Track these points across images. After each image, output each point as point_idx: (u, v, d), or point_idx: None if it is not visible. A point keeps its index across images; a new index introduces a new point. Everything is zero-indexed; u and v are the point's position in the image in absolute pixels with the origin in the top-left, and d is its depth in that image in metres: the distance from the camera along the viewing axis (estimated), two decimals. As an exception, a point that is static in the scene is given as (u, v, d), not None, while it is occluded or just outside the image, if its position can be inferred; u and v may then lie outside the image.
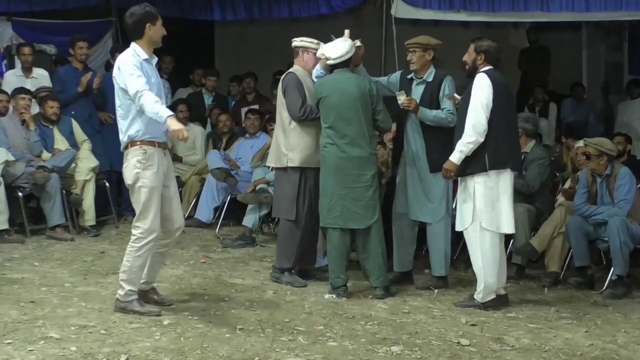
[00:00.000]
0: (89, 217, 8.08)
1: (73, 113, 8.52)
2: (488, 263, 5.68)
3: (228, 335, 4.88)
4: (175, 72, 10.23)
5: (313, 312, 5.52)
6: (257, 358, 4.51)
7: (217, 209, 8.51)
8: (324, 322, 5.28)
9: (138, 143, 5.18)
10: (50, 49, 9.42)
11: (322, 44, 6.18)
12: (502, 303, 5.81)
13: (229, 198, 8.37)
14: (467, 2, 7.86)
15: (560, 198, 7.19)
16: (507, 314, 5.66)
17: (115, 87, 5.22)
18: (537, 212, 6.98)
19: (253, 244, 7.76)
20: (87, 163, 8.13)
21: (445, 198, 6.26)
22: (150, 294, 5.46)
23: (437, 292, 6.17)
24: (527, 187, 6.88)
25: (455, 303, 5.87)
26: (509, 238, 6.49)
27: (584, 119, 10.38)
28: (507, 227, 5.69)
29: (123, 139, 5.22)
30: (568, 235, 6.58)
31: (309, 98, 6.19)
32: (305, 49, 6.37)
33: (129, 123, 5.17)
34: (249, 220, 7.85)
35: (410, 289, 6.27)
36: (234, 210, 8.50)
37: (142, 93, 5.01)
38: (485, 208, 5.63)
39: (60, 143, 8.14)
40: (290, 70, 6.37)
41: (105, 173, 8.46)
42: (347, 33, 6.10)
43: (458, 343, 4.93)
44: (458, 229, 5.90)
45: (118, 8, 9.97)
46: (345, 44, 5.98)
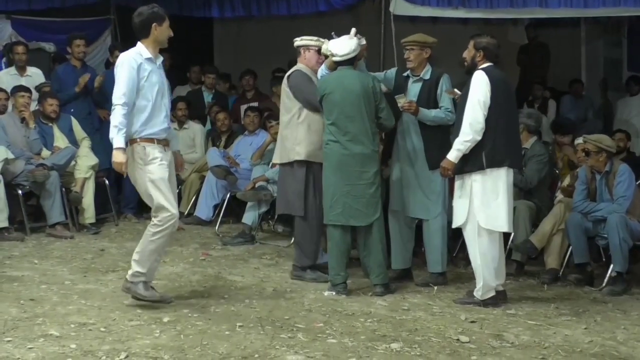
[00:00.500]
0: (89, 214, 8.08)
1: (72, 111, 8.52)
2: (487, 261, 5.68)
3: (228, 333, 4.89)
4: (174, 69, 10.21)
5: (313, 309, 5.53)
6: (256, 355, 4.51)
7: (216, 207, 8.52)
8: (324, 319, 5.28)
9: (137, 140, 5.23)
10: (49, 47, 9.41)
11: (326, 41, 6.15)
12: (501, 300, 5.81)
13: (229, 195, 8.38)
14: (465, -2, 7.86)
15: (560, 195, 7.20)
16: (506, 311, 5.67)
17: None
18: (536, 208, 6.98)
19: (252, 242, 7.76)
20: (86, 161, 8.13)
21: (442, 194, 6.27)
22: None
23: (436, 289, 6.17)
24: (525, 182, 6.89)
25: (455, 300, 5.88)
26: (509, 235, 6.49)
27: (583, 116, 10.40)
28: (504, 225, 5.67)
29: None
30: (567, 232, 6.59)
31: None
32: (307, 47, 6.38)
33: (128, 121, 5.20)
34: (249, 218, 7.85)
35: (410, 286, 6.27)
36: (234, 208, 8.50)
37: (114, 107, 5.16)
38: (483, 206, 5.63)
39: (60, 141, 8.14)
40: (296, 68, 6.36)
41: (105, 171, 8.45)
42: (353, 31, 6.09)
43: (457, 340, 4.93)
44: (454, 226, 5.90)
45: (117, 6, 9.99)
46: (352, 42, 5.97)
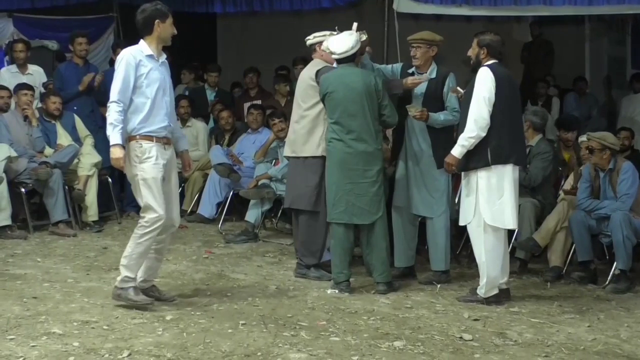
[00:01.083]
0: (92, 212, 8.07)
1: (75, 108, 8.51)
2: (491, 258, 5.67)
3: (230, 331, 4.89)
4: (176, 67, 10.21)
5: (316, 307, 5.52)
6: (259, 353, 4.51)
7: (219, 205, 8.50)
8: (327, 317, 5.28)
9: (136, 137, 5.21)
10: (52, 45, 9.40)
11: (332, 33, 6.10)
12: (504, 298, 5.80)
13: (232, 193, 8.37)
14: (468, -4, 7.85)
15: (562, 194, 7.18)
16: (509, 309, 5.66)
17: None
18: (540, 206, 6.97)
19: (256, 240, 7.76)
20: (89, 159, 8.13)
21: (446, 192, 6.26)
22: (152, 292, 5.44)
23: (439, 287, 6.16)
24: (529, 180, 6.87)
25: (458, 298, 5.87)
26: (513, 232, 6.48)
27: (587, 114, 10.38)
28: (510, 222, 5.67)
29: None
30: (571, 230, 6.58)
31: None
32: (320, 44, 6.34)
33: (127, 117, 5.20)
34: (252, 216, 7.85)
35: (413, 284, 6.27)
36: (237, 206, 8.50)
37: (109, 105, 5.16)
38: (488, 203, 5.62)
39: (63, 138, 8.14)
40: (319, 64, 6.24)
41: (108, 169, 8.41)
42: (355, 26, 6.04)
43: (461, 338, 4.93)
44: (461, 224, 5.89)
45: (119, 4, 9.99)
46: (351, 38, 5.92)
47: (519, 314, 5.55)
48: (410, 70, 6.30)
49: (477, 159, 5.66)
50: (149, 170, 5.19)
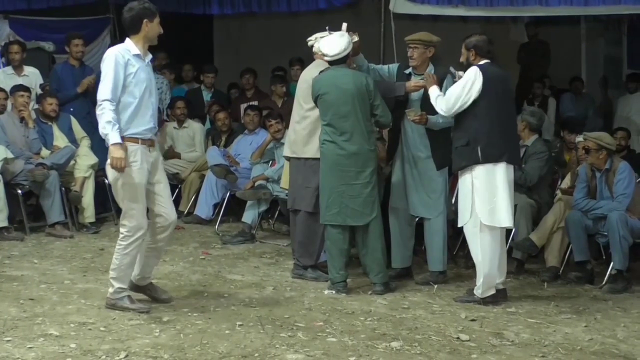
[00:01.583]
0: (89, 214, 8.06)
1: (72, 110, 8.51)
2: (488, 258, 5.67)
3: (228, 332, 4.88)
4: (172, 68, 10.20)
5: (313, 308, 5.52)
6: (256, 354, 4.51)
7: (216, 206, 8.50)
8: (324, 318, 5.28)
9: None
10: (49, 46, 9.39)
11: (324, 35, 6.08)
12: (501, 298, 5.81)
13: (228, 194, 8.37)
14: (465, -4, 7.86)
15: (559, 194, 7.18)
16: (506, 309, 5.66)
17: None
18: (536, 206, 6.98)
19: (252, 240, 7.75)
20: (86, 160, 8.11)
21: (444, 193, 6.27)
22: (148, 290, 5.45)
23: (436, 287, 6.16)
24: (524, 180, 6.88)
25: (455, 298, 5.87)
26: (510, 232, 6.49)
27: (583, 114, 10.38)
28: (505, 220, 5.67)
29: None
30: (567, 230, 6.58)
31: None
32: None
33: None
34: (249, 217, 7.85)
35: (410, 285, 6.27)
36: (233, 207, 8.49)
37: (102, 104, 5.02)
38: (483, 203, 5.62)
39: (60, 140, 8.13)
40: (320, 67, 6.19)
41: (105, 170, 8.43)
42: (344, 27, 6.03)
43: (458, 338, 4.93)
44: (460, 225, 5.89)
45: (116, 5, 9.97)
46: (343, 40, 5.90)
47: (516, 314, 5.56)
48: (407, 71, 6.30)
49: (467, 157, 5.67)
50: (133, 175, 5.09)
